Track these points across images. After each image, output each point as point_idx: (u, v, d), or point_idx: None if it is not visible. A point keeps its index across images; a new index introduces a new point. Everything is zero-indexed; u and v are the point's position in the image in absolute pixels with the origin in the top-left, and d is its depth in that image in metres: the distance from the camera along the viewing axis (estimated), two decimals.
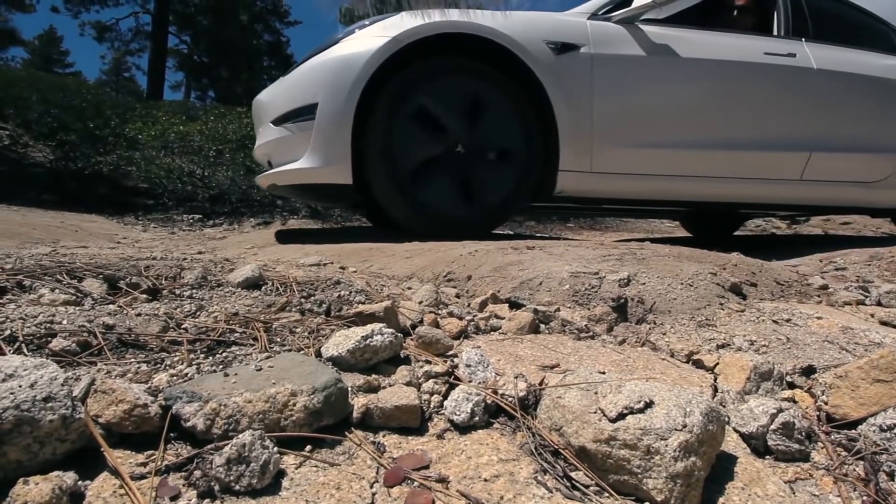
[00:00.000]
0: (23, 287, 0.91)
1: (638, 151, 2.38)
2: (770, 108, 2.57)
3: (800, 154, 2.62)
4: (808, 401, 0.77)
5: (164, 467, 0.50)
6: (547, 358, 0.85)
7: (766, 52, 2.56)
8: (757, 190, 2.62)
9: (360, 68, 2.04)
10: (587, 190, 2.37)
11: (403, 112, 2.13)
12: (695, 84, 2.46)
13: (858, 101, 2.75)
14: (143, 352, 0.72)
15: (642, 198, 2.56)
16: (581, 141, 2.27)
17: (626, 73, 2.35)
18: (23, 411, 0.47)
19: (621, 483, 0.53)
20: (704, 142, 2.46)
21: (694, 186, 2.52)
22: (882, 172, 2.82)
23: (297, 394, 0.57)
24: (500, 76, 2.21)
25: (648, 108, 2.40)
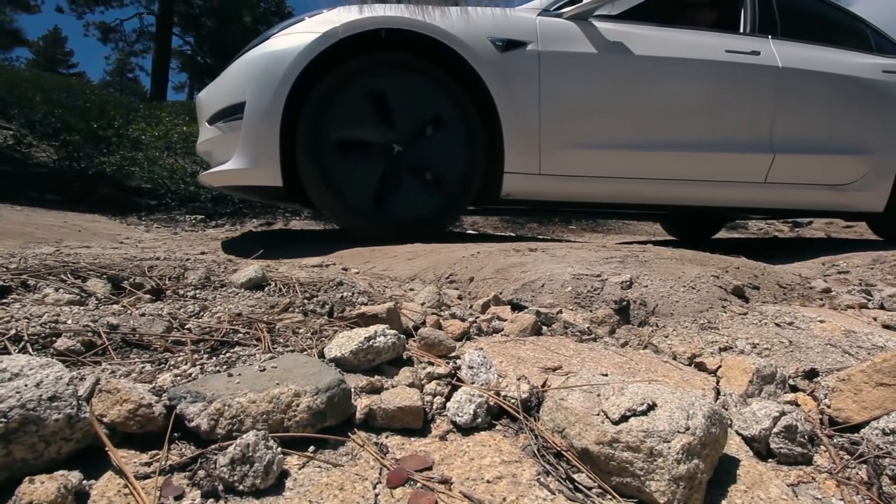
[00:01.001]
0: (27, 287, 0.91)
1: (590, 153, 2.29)
2: (731, 107, 2.48)
3: (763, 156, 2.52)
4: (811, 404, 0.77)
5: (168, 467, 0.51)
6: (549, 360, 0.85)
7: (728, 50, 2.46)
8: (718, 193, 2.53)
9: (288, 66, 1.94)
10: (536, 193, 2.28)
11: (335, 111, 2.04)
12: (650, 83, 2.36)
13: (828, 100, 2.65)
14: (148, 352, 0.73)
15: (597, 201, 2.46)
16: (528, 142, 2.18)
17: (575, 72, 2.25)
18: (28, 410, 0.47)
19: (624, 485, 0.53)
20: (661, 143, 2.37)
21: (651, 189, 2.43)
22: (854, 174, 2.71)
23: (301, 394, 0.58)
24: (442, 74, 2.12)
25: (600, 108, 2.30)
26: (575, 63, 2.24)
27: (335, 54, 2.00)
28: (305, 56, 1.95)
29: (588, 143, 2.28)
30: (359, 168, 2.10)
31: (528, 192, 2.27)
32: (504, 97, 2.12)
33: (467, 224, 5.17)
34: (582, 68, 2.25)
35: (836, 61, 2.68)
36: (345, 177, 2.06)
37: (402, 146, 2.11)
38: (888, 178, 2.77)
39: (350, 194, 2.07)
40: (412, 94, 2.12)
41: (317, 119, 2.01)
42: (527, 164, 2.20)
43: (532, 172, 2.21)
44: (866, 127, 2.71)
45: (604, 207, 2.71)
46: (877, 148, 2.71)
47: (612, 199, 2.46)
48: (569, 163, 2.27)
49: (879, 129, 2.72)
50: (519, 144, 2.17)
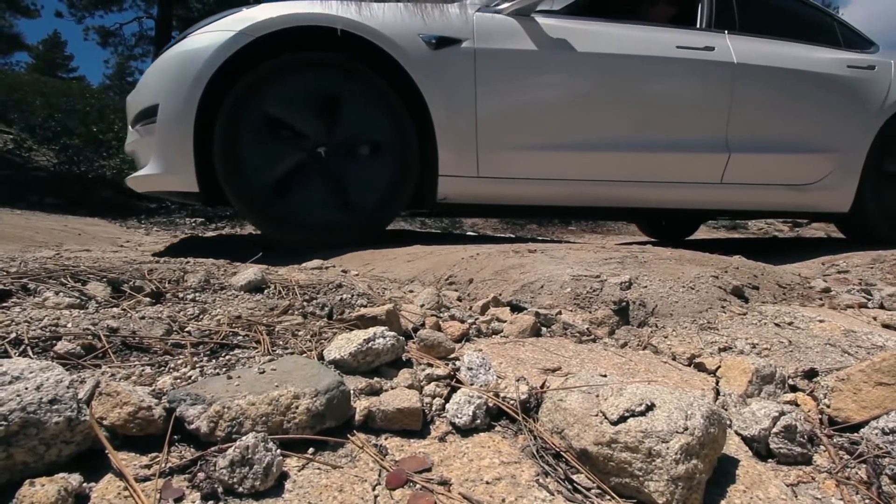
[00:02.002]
0: (27, 290, 0.91)
1: (532, 154, 2.19)
2: (683, 106, 2.39)
3: (718, 155, 2.42)
4: (811, 404, 0.77)
5: (167, 469, 0.51)
6: (548, 361, 0.86)
7: (680, 46, 2.36)
8: (672, 194, 2.43)
9: (200, 67, 1.83)
10: (475, 196, 2.17)
11: (251, 115, 1.92)
12: (594, 81, 2.26)
13: (788, 97, 2.54)
14: (147, 355, 0.73)
15: (544, 204, 2.36)
16: (464, 144, 2.08)
17: (514, 70, 2.13)
18: (29, 413, 0.47)
19: (623, 486, 0.53)
20: (608, 143, 2.28)
21: (600, 191, 2.34)
22: (817, 174, 2.60)
23: (300, 396, 0.58)
24: (368, 73, 2.00)
25: (542, 108, 2.19)
26: (513, 61, 2.13)
27: (262, 53, 1.90)
28: (219, 55, 1.84)
29: (530, 145, 2.18)
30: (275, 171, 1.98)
31: (466, 196, 2.17)
32: (436, 97, 2.02)
33: (467, 226, 5.17)
34: (521, 66, 2.14)
35: (797, 56, 2.58)
36: (261, 181, 1.95)
37: (321, 147, 1.99)
38: (853, 177, 2.67)
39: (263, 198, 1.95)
40: (336, 94, 2.00)
41: (234, 122, 1.91)
42: (464, 167, 2.11)
43: (470, 175, 2.11)
44: (830, 124, 2.61)
45: (554, 210, 2.61)
46: (841, 146, 2.61)
47: (560, 202, 2.37)
48: (509, 165, 2.17)
49: (844, 126, 2.63)
50: (454, 146, 2.07)
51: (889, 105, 2.70)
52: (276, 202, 1.97)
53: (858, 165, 2.65)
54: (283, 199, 1.98)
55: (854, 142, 2.63)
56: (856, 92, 2.65)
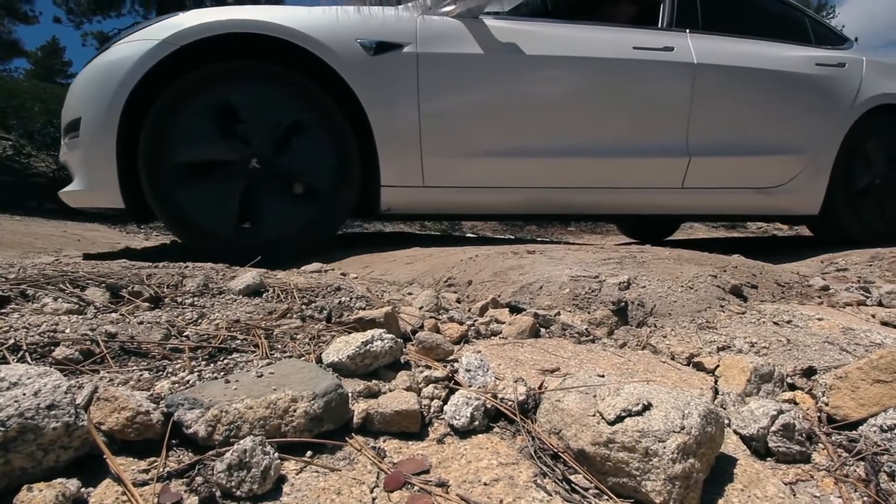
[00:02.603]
0: (26, 296, 0.91)
1: (482, 162, 2.10)
2: (640, 109, 2.31)
3: (678, 160, 2.34)
4: (809, 402, 0.77)
5: (166, 474, 0.51)
6: (547, 362, 0.86)
7: (637, 47, 2.28)
8: (632, 199, 2.37)
9: (121, 78, 1.74)
10: (423, 206, 2.10)
11: (178, 127, 1.81)
12: (545, 85, 2.18)
13: (752, 97, 2.44)
14: (146, 359, 0.73)
15: (499, 212, 2.28)
16: (407, 152, 2.00)
17: (460, 75, 2.05)
18: (27, 419, 0.47)
19: (620, 485, 0.53)
20: (563, 149, 2.20)
21: (557, 197, 2.26)
22: (784, 176, 2.52)
23: (298, 400, 0.58)
24: (304, 81, 1.91)
25: (490, 114, 2.11)
26: (459, 65, 2.04)
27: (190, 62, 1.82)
28: (140, 66, 1.74)
29: (479, 152, 2.10)
30: (213, 189, 1.87)
31: (413, 205, 2.08)
32: (376, 105, 1.93)
33: (466, 227, 5.18)
34: (468, 71, 2.06)
35: (762, 55, 2.49)
36: (197, 199, 1.85)
37: (254, 160, 1.89)
38: (822, 179, 2.58)
39: (206, 218, 1.85)
40: (268, 104, 1.90)
41: (158, 136, 1.81)
42: (408, 177, 2.02)
43: (415, 185, 2.03)
44: (797, 124, 2.52)
45: (512, 217, 2.58)
46: (809, 147, 2.53)
47: (517, 210, 2.29)
48: (458, 173, 2.08)
49: (812, 126, 2.54)
50: (397, 155, 1.99)
51: (859, 103, 2.61)
52: (206, 219, 1.86)
53: (828, 166, 2.57)
54: (215, 216, 1.87)
55: (823, 142, 2.55)
56: (824, 90, 2.57)
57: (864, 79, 2.65)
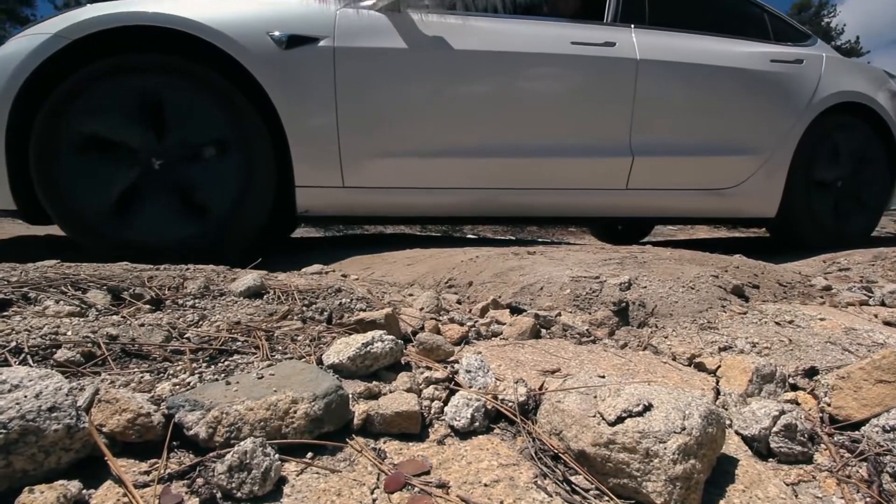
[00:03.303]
0: (28, 299, 0.92)
1: (407, 162, 2.01)
2: (578, 106, 2.21)
3: (620, 159, 2.25)
4: (811, 402, 0.77)
5: (166, 475, 0.51)
6: (548, 363, 0.86)
7: (575, 42, 2.18)
8: (572, 200, 2.27)
9: (9, 74, 1.67)
10: (344, 208, 2.01)
11: (69, 127, 1.73)
12: (475, 81, 2.08)
13: (700, 95, 2.35)
14: (147, 361, 0.73)
15: (430, 214, 2.18)
16: (324, 152, 1.92)
17: (381, 71, 1.95)
18: (28, 421, 0.47)
19: (621, 486, 0.53)
20: (495, 148, 2.10)
21: (494, 199, 2.17)
22: (737, 177, 2.42)
23: (299, 401, 0.58)
24: (212, 77, 1.81)
25: (416, 112, 2.01)
26: (381, 61, 1.94)
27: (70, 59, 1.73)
28: (30, 61, 1.67)
29: (404, 152, 2.01)
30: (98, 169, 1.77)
31: (332, 207, 2.00)
32: (287, 102, 1.84)
33: (467, 228, 5.18)
34: (390, 66, 1.96)
35: (713, 51, 2.39)
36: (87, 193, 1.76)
37: (156, 160, 1.80)
38: (779, 180, 2.48)
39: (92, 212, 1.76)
40: (172, 101, 1.81)
41: (49, 137, 1.73)
42: (325, 177, 1.93)
43: (334, 185, 1.95)
44: (751, 123, 2.42)
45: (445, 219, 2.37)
46: (764, 147, 2.43)
47: (450, 212, 2.17)
48: (381, 174, 2.00)
49: (766, 125, 2.44)
50: (312, 155, 1.90)
51: (817, 102, 2.51)
52: (102, 222, 1.77)
53: (784, 167, 2.48)
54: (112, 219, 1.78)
55: (778, 142, 2.45)
56: (780, 88, 2.46)
57: (822, 76, 2.56)
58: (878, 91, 2.70)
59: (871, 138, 2.69)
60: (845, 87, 2.59)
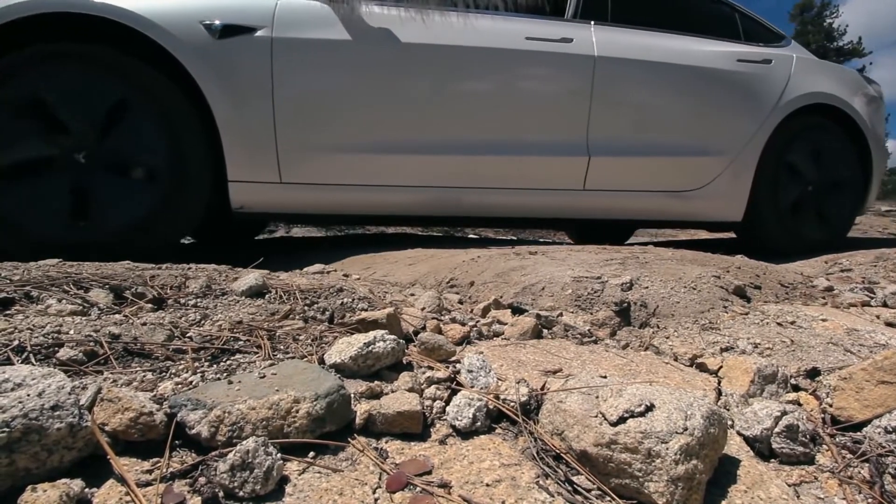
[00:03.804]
0: (31, 298, 0.92)
1: (352, 158, 1.95)
2: (532, 103, 2.14)
3: (577, 159, 2.18)
4: (813, 403, 0.77)
5: (169, 474, 0.51)
6: (549, 363, 0.86)
7: (530, 37, 2.11)
8: (529, 201, 2.19)
9: None
10: (283, 205, 1.94)
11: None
12: (422, 75, 2.01)
13: (661, 94, 2.29)
14: (149, 360, 0.73)
15: (377, 213, 2.10)
16: (259, 146, 1.85)
17: (323, 63, 1.89)
18: (31, 420, 0.47)
19: (623, 487, 0.53)
20: (446, 145, 2.03)
21: (445, 197, 2.09)
22: (700, 179, 2.34)
23: (301, 401, 0.58)
24: (139, 67, 1.73)
25: (359, 106, 1.94)
26: (322, 52, 1.88)
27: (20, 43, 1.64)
28: None
29: (348, 147, 1.94)
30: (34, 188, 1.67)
31: (271, 204, 1.92)
32: (220, 93, 1.77)
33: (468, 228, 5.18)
34: (332, 58, 1.89)
35: (676, 49, 2.32)
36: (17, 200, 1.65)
37: (87, 159, 1.71)
38: (745, 183, 2.39)
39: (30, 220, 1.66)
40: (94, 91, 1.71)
41: None
42: (262, 172, 1.86)
43: (271, 181, 1.88)
44: (714, 124, 2.35)
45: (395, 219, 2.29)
46: (729, 148, 2.35)
47: (398, 211, 2.10)
48: (322, 169, 1.93)
49: (732, 126, 2.36)
50: (247, 149, 1.83)
51: (785, 103, 2.43)
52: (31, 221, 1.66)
53: (750, 170, 2.39)
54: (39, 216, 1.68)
55: (744, 143, 2.37)
56: (746, 89, 2.39)
57: (792, 77, 2.49)
58: (851, 93, 2.62)
59: (843, 141, 2.61)
60: (816, 88, 2.52)
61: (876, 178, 2.71)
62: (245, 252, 1.90)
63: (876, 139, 2.67)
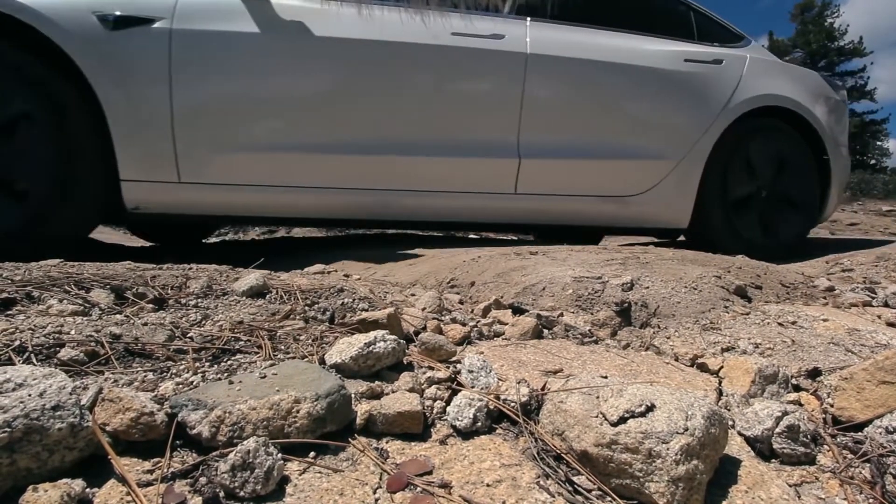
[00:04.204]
0: (32, 298, 0.92)
1: (259, 157, 1.86)
2: (456, 102, 2.05)
3: (506, 161, 2.07)
4: (814, 403, 0.77)
5: (170, 474, 0.51)
6: (550, 363, 0.86)
7: (456, 33, 2.01)
8: (457, 205, 2.09)
9: None
10: (183, 205, 1.84)
11: None
12: (337, 71, 1.93)
13: (601, 94, 2.20)
14: (150, 361, 0.73)
15: (288, 215, 1.99)
16: (156, 143, 1.75)
17: (228, 57, 1.80)
18: (32, 420, 0.48)
19: (623, 487, 0.53)
20: (361, 145, 1.93)
21: (362, 200, 1.99)
22: (642, 184, 2.24)
23: (301, 401, 0.58)
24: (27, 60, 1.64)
25: (269, 102, 1.86)
26: (228, 45, 1.79)
27: None
28: None
29: (256, 146, 1.85)
30: None
31: (167, 205, 1.82)
32: (111, 87, 1.68)
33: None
34: (239, 52, 1.81)
35: (618, 48, 2.22)
36: None
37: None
38: (690, 188, 2.28)
39: None
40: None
41: None
42: (159, 171, 1.77)
43: (169, 180, 1.79)
44: (658, 126, 2.25)
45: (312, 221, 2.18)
46: (673, 152, 2.25)
47: (312, 213, 2.00)
48: (227, 169, 1.83)
49: (676, 128, 2.26)
50: (141, 146, 1.74)
51: (736, 105, 2.31)
52: None
53: (696, 174, 2.28)
54: None
55: (689, 147, 2.26)
56: (692, 90, 2.29)
57: (743, 78, 2.37)
58: (811, 97, 2.50)
59: (800, 147, 2.49)
60: (770, 90, 2.40)
61: (835, 187, 2.57)
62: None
63: (835, 145, 2.55)
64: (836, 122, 2.59)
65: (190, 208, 1.87)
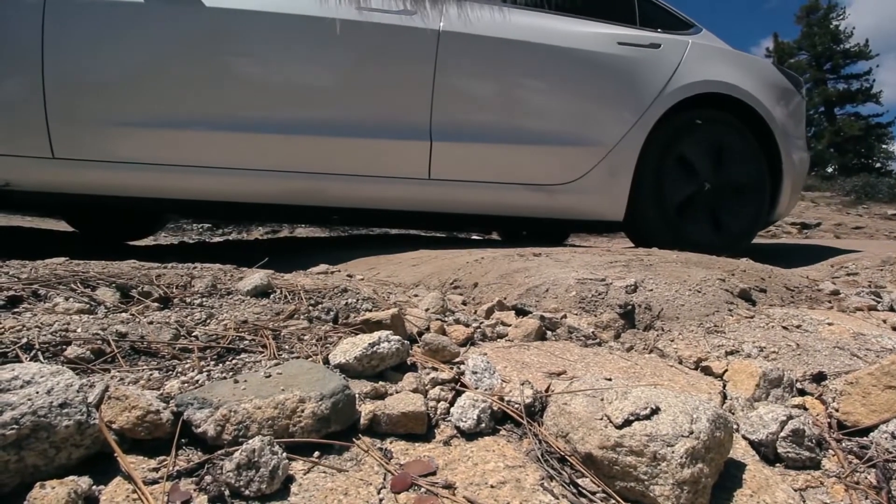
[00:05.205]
0: (38, 296, 0.93)
1: (144, 133, 1.75)
2: (362, 79, 1.94)
3: (417, 143, 1.95)
4: (819, 408, 0.76)
5: (175, 472, 0.51)
6: (553, 365, 0.85)
7: (362, 8, 1.92)
8: (364, 191, 1.96)
9: None
10: (58, 183, 1.74)
11: None
12: (227, 44, 1.83)
13: (520, 75, 2.09)
14: (155, 359, 0.74)
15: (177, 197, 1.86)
16: (24, 115, 1.67)
17: (105, 26, 1.72)
18: (40, 417, 0.48)
19: (628, 490, 0.53)
20: (259, 123, 1.82)
21: (259, 183, 1.86)
22: (570, 172, 2.09)
23: (306, 400, 0.58)
24: None
25: (151, 74, 1.76)
26: (106, 14, 1.70)
27: None
28: None
29: (135, 121, 1.74)
30: None
31: (43, 183, 1.72)
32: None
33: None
34: (118, 21, 1.72)
35: (541, 28, 2.09)
36: None
37: None
38: (624, 179, 2.13)
39: None
40: None
41: None
42: (29, 145, 1.68)
43: (42, 156, 1.69)
44: (586, 111, 2.12)
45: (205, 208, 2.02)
46: (604, 139, 2.10)
47: (201, 196, 1.87)
48: (108, 145, 1.73)
49: (607, 114, 2.14)
50: (8, 119, 1.67)
51: (673, 91, 2.17)
52: None
53: (630, 163, 2.13)
54: None
55: (621, 134, 2.11)
56: (624, 74, 2.15)
57: (683, 63, 2.22)
58: (759, 85, 2.33)
59: (746, 139, 2.32)
60: (711, 76, 2.23)
61: (787, 182, 2.39)
62: None
63: (787, 138, 2.37)
64: (790, 114, 2.44)
65: (69, 187, 1.76)
